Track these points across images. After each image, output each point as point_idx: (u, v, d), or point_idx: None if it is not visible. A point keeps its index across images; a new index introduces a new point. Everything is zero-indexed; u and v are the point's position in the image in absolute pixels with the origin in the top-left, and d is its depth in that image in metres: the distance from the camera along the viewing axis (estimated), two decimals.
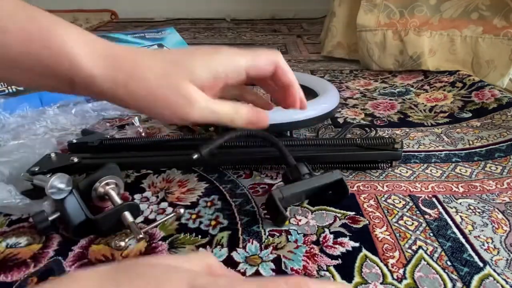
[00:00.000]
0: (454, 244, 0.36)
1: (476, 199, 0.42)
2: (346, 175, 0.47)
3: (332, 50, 1.06)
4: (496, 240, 0.36)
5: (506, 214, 0.40)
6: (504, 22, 0.77)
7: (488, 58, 0.79)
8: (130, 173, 0.48)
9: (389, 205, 0.41)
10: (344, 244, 0.36)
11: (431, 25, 0.85)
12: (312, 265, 0.33)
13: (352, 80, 0.89)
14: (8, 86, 0.65)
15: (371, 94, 0.79)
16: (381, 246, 0.35)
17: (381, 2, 0.89)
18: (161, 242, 0.36)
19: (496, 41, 0.78)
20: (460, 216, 0.39)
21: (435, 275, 0.32)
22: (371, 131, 0.59)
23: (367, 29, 0.91)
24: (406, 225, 0.38)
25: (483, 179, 0.46)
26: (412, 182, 0.46)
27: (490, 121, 0.62)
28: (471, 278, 0.32)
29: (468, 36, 0.81)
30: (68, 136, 0.58)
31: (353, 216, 0.39)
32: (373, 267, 0.33)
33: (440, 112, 0.68)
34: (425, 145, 0.55)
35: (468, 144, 0.55)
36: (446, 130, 0.60)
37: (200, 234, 0.37)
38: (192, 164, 0.48)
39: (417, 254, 0.34)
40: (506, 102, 0.65)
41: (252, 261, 0.34)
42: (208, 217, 0.40)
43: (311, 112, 0.56)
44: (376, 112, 0.69)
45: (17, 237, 0.37)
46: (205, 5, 1.85)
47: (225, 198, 0.43)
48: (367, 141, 0.47)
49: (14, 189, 0.40)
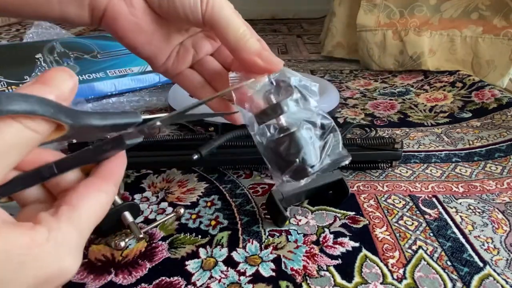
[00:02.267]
0: (454, 244, 0.36)
1: (476, 199, 0.42)
2: (346, 175, 0.47)
3: (332, 50, 1.06)
4: (496, 240, 0.36)
5: (506, 214, 0.40)
6: (504, 22, 0.77)
7: (488, 58, 0.79)
8: (130, 173, 0.48)
9: (389, 205, 0.41)
10: (344, 244, 0.36)
11: (431, 25, 0.85)
12: (312, 265, 0.33)
13: (352, 80, 0.89)
14: (8, 86, 0.65)
15: (371, 94, 0.79)
16: (381, 246, 0.35)
17: (381, 2, 0.89)
18: (161, 242, 0.36)
19: (496, 41, 0.78)
20: (460, 216, 0.39)
21: (435, 275, 0.32)
22: (371, 131, 0.59)
23: (367, 29, 0.91)
24: (406, 225, 0.38)
25: (483, 179, 0.46)
26: (412, 182, 0.46)
27: (490, 121, 0.62)
28: (471, 278, 0.32)
29: (468, 36, 0.81)
30: None
31: (353, 216, 0.39)
32: (373, 267, 0.33)
33: (440, 112, 0.68)
34: (425, 145, 0.55)
35: (468, 144, 0.55)
36: (446, 130, 0.60)
37: (200, 234, 0.37)
38: (192, 164, 0.48)
39: (417, 254, 0.34)
40: (506, 102, 0.65)
41: (252, 261, 0.34)
42: (208, 217, 0.40)
43: None
44: (376, 112, 0.69)
45: None
46: None
47: (225, 198, 0.43)
48: (367, 141, 0.47)
49: None
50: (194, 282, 0.31)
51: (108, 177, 0.20)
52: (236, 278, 0.32)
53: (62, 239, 0.16)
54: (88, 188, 0.19)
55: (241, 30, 0.25)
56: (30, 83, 0.16)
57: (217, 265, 0.33)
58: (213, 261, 0.34)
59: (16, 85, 0.65)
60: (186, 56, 0.30)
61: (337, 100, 0.63)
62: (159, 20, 0.25)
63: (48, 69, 0.68)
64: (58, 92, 0.16)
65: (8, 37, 1.25)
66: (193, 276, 0.32)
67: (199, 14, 0.24)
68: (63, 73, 0.16)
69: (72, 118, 0.15)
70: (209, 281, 0.32)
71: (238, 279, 0.32)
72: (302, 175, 0.29)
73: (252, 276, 0.32)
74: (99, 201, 0.19)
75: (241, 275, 0.32)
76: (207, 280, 0.32)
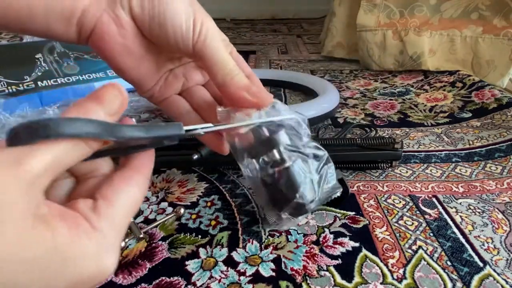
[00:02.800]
0: (454, 244, 0.36)
1: (476, 199, 0.42)
2: (346, 175, 0.47)
3: (332, 50, 1.06)
4: (496, 240, 0.36)
5: (506, 214, 0.40)
6: (504, 22, 0.77)
7: (488, 58, 0.79)
8: None
9: (389, 205, 0.41)
10: (344, 244, 0.36)
11: (431, 25, 0.85)
12: (312, 265, 0.33)
13: (352, 80, 0.89)
14: (8, 86, 0.65)
15: (371, 94, 0.79)
16: (381, 246, 0.35)
17: (381, 2, 0.89)
18: (161, 242, 0.36)
19: (496, 41, 0.78)
20: (460, 216, 0.39)
21: (435, 275, 0.32)
22: (371, 131, 0.59)
23: (367, 29, 0.91)
24: (406, 225, 0.38)
25: (483, 179, 0.46)
26: (412, 182, 0.46)
27: (490, 121, 0.62)
28: (471, 278, 0.32)
29: (468, 36, 0.81)
30: None
31: (353, 216, 0.39)
32: (373, 267, 0.33)
33: (440, 112, 0.68)
34: (425, 145, 0.55)
35: (468, 144, 0.55)
36: (446, 130, 0.60)
37: (200, 234, 0.37)
38: (192, 164, 0.48)
39: (417, 254, 0.34)
40: (506, 102, 0.65)
41: (252, 261, 0.34)
42: (208, 217, 0.40)
43: (311, 112, 0.56)
44: (376, 112, 0.69)
45: None
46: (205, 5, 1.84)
47: (225, 198, 0.43)
48: (367, 141, 0.47)
49: None
50: (194, 282, 0.31)
51: (142, 169, 0.20)
52: (236, 278, 0.32)
53: (102, 238, 0.16)
54: (123, 182, 0.19)
55: (229, 67, 0.24)
56: (85, 99, 0.17)
57: (217, 265, 0.33)
58: (213, 261, 0.34)
59: (16, 85, 0.65)
60: (175, 84, 0.29)
61: (337, 100, 0.63)
62: (149, 45, 0.24)
63: (47, 69, 0.68)
64: (109, 108, 0.17)
65: (8, 37, 1.25)
66: (193, 276, 0.32)
67: (190, 43, 0.23)
68: (114, 90, 0.18)
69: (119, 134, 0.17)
70: (209, 281, 0.32)
71: (238, 279, 0.32)
72: (301, 212, 0.28)
73: (252, 276, 0.32)
74: (134, 197, 0.19)
75: (241, 275, 0.32)
76: (207, 280, 0.32)
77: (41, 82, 0.68)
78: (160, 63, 0.26)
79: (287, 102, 0.75)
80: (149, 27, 0.23)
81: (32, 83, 0.67)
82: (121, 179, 0.19)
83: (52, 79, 0.69)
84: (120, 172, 0.19)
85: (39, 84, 0.67)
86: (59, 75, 0.69)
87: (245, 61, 0.31)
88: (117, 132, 0.17)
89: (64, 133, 0.14)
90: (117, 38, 0.23)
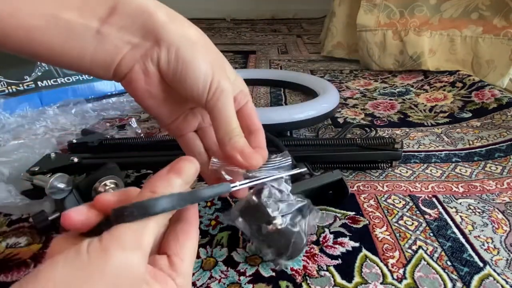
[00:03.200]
0: (454, 244, 0.36)
1: (476, 199, 0.42)
2: (346, 175, 0.47)
3: (332, 50, 1.06)
4: (496, 240, 0.36)
5: (506, 214, 0.40)
6: (504, 22, 0.77)
7: (488, 58, 0.79)
8: (130, 173, 0.48)
9: (389, 205, 0.41)
10: (344, 244, 0.36)
11: (431, 25, 0.85)
12: (312, 265, 0.33)
13: (352, 80, 0.89)
14: (8, 86, 0.65)
15: (371, 94, 0.79)
16: (381, 246, 0.35)
17: (381, 2, 0.89)
18: None
19: (496, 41, 0.78)
20: (460, 216, 0.39)
21: (435, 275, 0.32)
22: (371, 131, 0.59)
23: (367, 29, 0.91)
24: (406, 225, 0.38)
25: (483, 179, 0.46)
26: (412, 182, 0.46)
27: (490, 121, 0.62)
28: (471, 278, 0.32)
29: (468, 36, 0.81)
30: (68, 136, 0.58)
31: (353, 216, 0.39)
32: (373, 267, 0.33)
33: (440, 112, 0.68)
34: (425, 145, 0.55)
35: (468, 144, 0.55)
36: (446, 130, 0.60)
37: (200, 234, 0.37)
38: None
39: (417, 254, 0.34)
40: (506, 102, 0.65)
41: (252, 261, 0.34)
42: (208, 217, 0.40)
43: (311, 112, 0.56)
44: (376, 112, 0.69)
45: (17, 237, 0.37)
46: (205, 5, 1.85)
47: (225, 198, 0.43)
48: (367, 141, 0.47)
49: (14, 189, 0.40)
50: (194, 282, 0.31)
51: (194, 222, 0.23)
52: (236, 278, 0.32)
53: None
54: (186, 237, 0.22)
55: (231, 127, 0.27)
56: (166, 171, 0.21)
57: (217, 265, 0.33)
58: (213, 261, 0.34)
59: (16, 85, 0.65)
60: (192, 122, 0.32)
61: (337, 100, 0.63)
62: (171, 90, 0.28)
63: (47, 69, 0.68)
64: (186, 178, 0.21)
65: None
66: (193, 276, 0.32)
67: (204, 100, 0.27)
68: (189, 163, 0.22)
69: (193, 201, 0.21)
70: (209, 281, 0.32)
71: (238, 279, 0.32)
72: (297, 254, 0.33)
73: (252, 276, 0.32)
74: (194, 248, 0.23)
75: (241, 275, 0.32)
76: (207, 280, 0.32)
77: (41, 82, 0.68)
78: (179, 104, 0.30)
79: (287, 102, 0.75)
80: (172, 80, 0.27)
81: (32, 83, 0.67)
82: (183, 234, 0.22)
83: (52, 79, 0.69)
84: (180, 226, 0.23)
85: (39, 84, 0.67)
86: (59, 75, 0.69)
87: (245, 61, 0.31)
88: (191, 199, 0.21)
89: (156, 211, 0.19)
90: (143, 85, 0.27)
